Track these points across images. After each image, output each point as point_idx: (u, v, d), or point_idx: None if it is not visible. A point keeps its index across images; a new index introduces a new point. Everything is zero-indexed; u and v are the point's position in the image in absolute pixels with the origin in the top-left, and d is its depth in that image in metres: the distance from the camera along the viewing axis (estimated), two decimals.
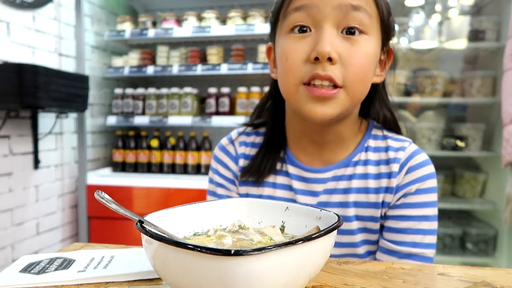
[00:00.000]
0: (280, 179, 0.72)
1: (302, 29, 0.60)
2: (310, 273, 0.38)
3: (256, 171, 0.72)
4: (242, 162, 0.75)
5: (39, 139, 2.07)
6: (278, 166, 0.73)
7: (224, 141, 0.79)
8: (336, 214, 0.44)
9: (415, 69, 2.48)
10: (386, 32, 0.64)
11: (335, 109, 0.60)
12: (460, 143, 2.29)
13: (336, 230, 0.39)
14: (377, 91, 0.71)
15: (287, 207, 0.51)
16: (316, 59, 0.58)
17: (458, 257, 2.30)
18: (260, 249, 0.32)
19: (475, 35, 2.24)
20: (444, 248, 2.32)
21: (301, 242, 0.34)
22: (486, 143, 2.33)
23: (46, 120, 2.12)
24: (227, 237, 0.45)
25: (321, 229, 0.42)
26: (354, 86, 0.60)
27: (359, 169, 0.68)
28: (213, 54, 2.42)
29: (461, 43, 2.30)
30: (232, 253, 0.31)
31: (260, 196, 0.72)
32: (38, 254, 0.55)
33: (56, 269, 0.48)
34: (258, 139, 0.77)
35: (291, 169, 0.72)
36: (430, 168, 0.67)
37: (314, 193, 0.70)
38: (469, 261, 2.27)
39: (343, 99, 0.60)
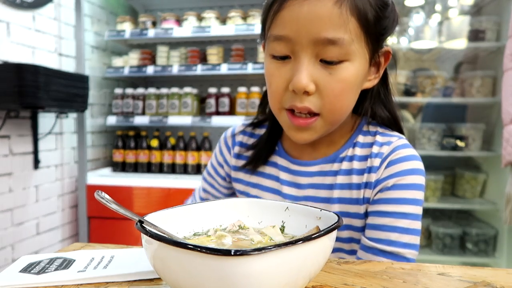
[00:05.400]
0: (269, 169, 0.76)
1: (283, 56, 0.62)
2: (310, 273, 0.38)
3: (253, 161, 0.76)
4: (237, 149, 0.80)
5: (39, 139, 2.07)
6: (270, 157, 0.77)
7: (229, 130, 0.85)
8: (336, 214, 0.44)
9: (415, 69, 2.47)
10: (378, 39, 0.63)
11: (312, 135, 0.65)
12: (460, 143, 2.29)
13: (336, 230, 0.39)
14: (371, 91, 0.70)
15: (287, 207, 0.51)
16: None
17: (458, 257, 2.30)
18: (260, 249, 0.32)
19: (475, 35, 2.24)
20: (444, 248, 2.32)
21: (301, 242, 0.34)
22: (486, 143, 2.33)
23: (46, 120, 2.12)
24: (227, 237, 0.45)
25: (321, 229, 0.42)
26: (331, 114, 0.62)
27: (345, 165, 0.69)
28: (213, 54, 2.42)
29: (461, 43, 2.30)
30: (232, 253, 0.31)
31: (248, 183, 0.77)
32: (38, 254, 0.55)
33: (56, 269, 0.48)
34: (258, 131, 0.81)
35: (280, 161, 0.75)
36: (414, 164, 0.65)
37: (298, 185, 0.72)
38: (469, 261, 2.27)
39: (320, 127, 0.64)
